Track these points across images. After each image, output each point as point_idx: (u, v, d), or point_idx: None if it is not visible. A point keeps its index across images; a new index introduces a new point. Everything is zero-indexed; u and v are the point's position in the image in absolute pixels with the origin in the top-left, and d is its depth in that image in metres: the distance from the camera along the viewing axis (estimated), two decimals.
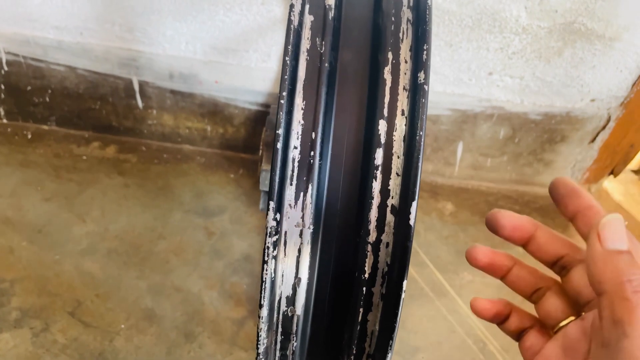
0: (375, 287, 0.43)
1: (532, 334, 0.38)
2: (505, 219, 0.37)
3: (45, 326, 0.85)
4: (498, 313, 0.40)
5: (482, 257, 0.39)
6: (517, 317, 0.39)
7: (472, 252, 0.39)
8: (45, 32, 1.05)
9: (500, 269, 0.39)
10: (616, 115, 1.14)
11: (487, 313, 0.40)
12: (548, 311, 0.37)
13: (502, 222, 0.37)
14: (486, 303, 0.40)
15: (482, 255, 0.39)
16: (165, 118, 1.17)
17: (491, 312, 0.40)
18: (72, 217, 1.02)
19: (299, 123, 0.42)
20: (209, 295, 0.93)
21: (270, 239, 0.41)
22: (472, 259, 0.39)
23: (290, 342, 0.46)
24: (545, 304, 0.37)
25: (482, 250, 0.39)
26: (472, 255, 0.39)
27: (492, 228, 0.38)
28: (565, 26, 0.97)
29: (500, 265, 0.39)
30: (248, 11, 0.98)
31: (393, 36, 0.44)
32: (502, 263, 0.39)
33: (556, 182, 0.36)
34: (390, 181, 0.42)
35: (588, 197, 0.35)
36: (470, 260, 0.39)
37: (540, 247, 0.37)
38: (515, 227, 0.37)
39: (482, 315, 0.40)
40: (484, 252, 0.39)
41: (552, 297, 0.37)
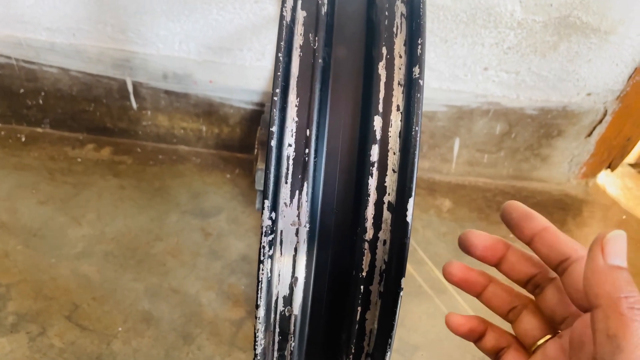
0: (373, 286, 0.43)
1: (510, 354, 0.37)
2: (476, 238, 0.37)
3: (42, 330, 0.84)
4: (472, 329, 0.39)
5: (457, 272, 0.38)
6: (493, 335, 0.39)
7: (447, 267, 0.39)
8: (38, 34, 1.05)
9: (475, 286, 0.39)
10: (612, 109, 1.13)
11: (461, 329, 0.39)
12: (525, 330, 0.37)
13: (474, 242, 0.37)
14: (460, 318, 0.39)
15: (457, 270, 0.39)
16: (160, 119, 1.17)
17: (465, 327, 0.39)
18: (68, 220, 1.01)
19: (293, 120, 0.41)
20: (206, 296, 0.92)
21: (265, 238, 0.41)
22: (446, 274, 0.39)
23: (288, 342, 0.46)
24: (521, 323, 0.37)
25: (456, 266, 0.39)
26: (447, 270, 0.39)
27: (465, 248, 0.38)
28: (560, 20, 0.97)
29: (475, 282, 0.39)
30: (241, 9, 0.97)
31: (387, 31, 0.44)
32: (476, 280, 0.39)
33: (507, 207, 0.36)
34: (387, 178, 0.41)
35: (542, 219, 0.35)
36: (445, 275, 0.39)
37: (512, 267, 0.37)
38: (487, 247, 0.37)
39: (455, 331, 0.40)
40: (458, 268, 0.39)
41: (528, 315, 0.37)
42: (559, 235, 0.34)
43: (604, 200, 1.26)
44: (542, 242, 0.35)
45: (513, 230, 0.36)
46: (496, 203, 1.20)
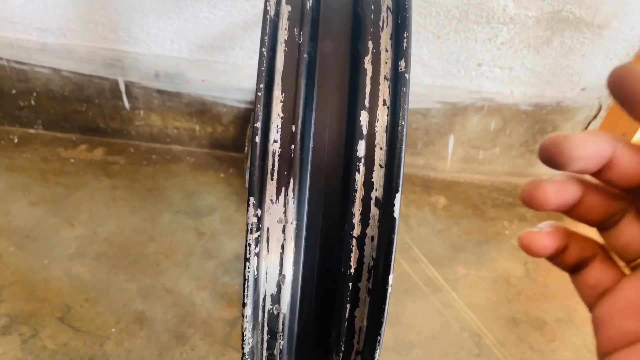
0: (362, 282, 0.42)
1: (597, 268, 0.29)
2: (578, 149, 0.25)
3: (35, 332, 0.83)
4: (558, 248, 0.29)
5: (554, 197, 0.27)
6: (577, 246, 0.29)
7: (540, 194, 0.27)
8: (28, 34, 1.04)
9: (571, 204, 0.28)
10: (607, 104, 1.13)
11: (547, 252, 0.29)
12: (626, 241, 0.27)
13: (576, 154, 0.25)
14: (545, 239, 0.29)
15: (554, 194, 0.27)
16: (152, 118, 1.16)
17: (552, 249, 0.29)
18: (60, 221, 1.01)
19: (278, 116, 0.41)
20: (200, 296, 0.91)
21: (251, 235, 0.40)
22: (537, 203, 0.27)
23: (277, 341, 0.45)
24: (621, 232, 0.28)
25: (552, 189, 0.27)
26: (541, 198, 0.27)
27: (556, 163, 0.25)
28: (553, 15, 0.96)
29: (573, 200, 0.28)
30: (232, 7, 0.97)
31: (373, 25, 0.43)
32: (574, 197, 0.28)
33: (619, 73, 0.23)
34: (374, 173, 0.41)
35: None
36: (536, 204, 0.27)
37: (622, 173, 0.26)
38: (591, 155, 0.25)
39: (540, 255, 0.29)
40: (554, 190, 0.27)
41: (631, 224, 0.27)
42: None
43: None
44: None
45: (632, 109, 0.24)
46: (491, 199, 1.19)
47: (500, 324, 0.93)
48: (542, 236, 0.29)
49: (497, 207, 1.18)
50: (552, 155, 0.25)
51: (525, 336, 0.91)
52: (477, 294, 0.97)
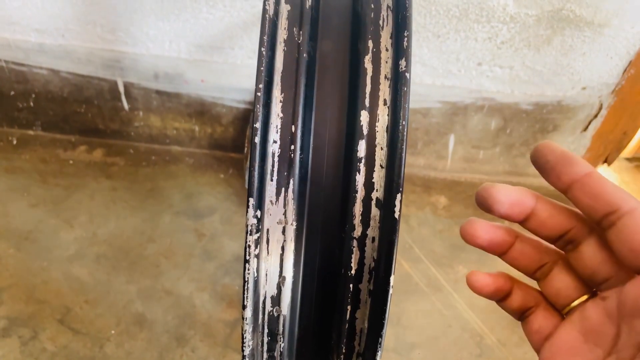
0: (363, 284, 0.42)
1: (540, 315, 0.33)
2: (500, 193, 0.31)
3: (34, 334, 0.83)
4: (499, 289, 0.35)
5: (482, 233, 0.33)
6: (520, 293, 0.35)
7: (469, 229, 0.33)
8: (26, 35, 1.03)
9: (501, 246, 0.34)
10: (608, 102, 1.13)
11: (486, 289, 0.34)
12: (557, 289, 0.32)
13: (499, 198, 0.31)
14: (486, 278, 0.34)
15: (483, 231, 0.33)
16: (152, 119, 1.16)
17: (491, 287, 0.34)
18: (60, 222, 1.01)
19: (278, 116, 0.41)
20: (200, 297, 0.91)
21: (251, 237, 0.40)
22: (468, 236, 0.33)
23: (277, 343, 0.45)
24: (553, 282, 0.33)
25: (481, 227, 0.33)
26: (470, 232, 0.33)
27: (485, 205, 0.32)
28: (553, 13, 0.96)
29: (501, 242, 0.33)
30: (232, 7, 0.96)
31: (373, 24, 0.43)
32: (502, 239, 0.33)
33: (541, 149, 0.31)
34: (374, 173, 0.41)
35: (584, 163, 0.29)
36: (467, 237, 0.33)
37: (543, 223, 0.32)
38: (514, 202, 0.31)
39: (480, 291, 0.35)
40: (483, 228, 0.33)
41: (560, 273, 0.32)
42: (604, 182, 0.28)
43: None
44: (584, 190, 0.29)
45: (547, 176, 0.31)
46: None
47: (502, 324, 0.92)
48: (485, 276, 0.34)
49: None
50: (482, 198, 0.32)
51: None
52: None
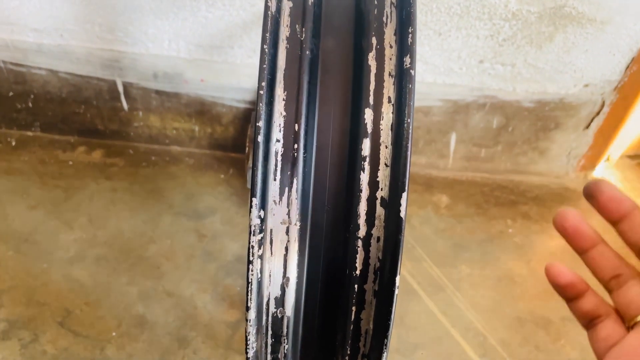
0: (368, 284, 0.41)
1: (608, 325, 0.35)
2: (605, 185, 0.34)
3: (34, 337, 0.82)
4: (573, 284, 0.36)
5: (571, 219, 0.36)
6: (593, 300, 0.36)
7: (562, 212, 0.36)
8: (24, 36, 1.03)
9: (585, 240, 0.36)
10: (610, 100, 1.12)
11: (562, 278, 0.37)
12: (629, 300, 0.34)
13: (602, 188, 0.34)
14: (563, 268, 0.37)
15: (572, 218, 0.36)
16: (151, 119, 1.15)
17: (566, 278, 0.37)
18: (59, 224, 1.00)
19: (281, 115, 0.40)
20: (201, 298, 0.90)
21: (254, 237, 0.39)
22: (559, 217, 0.36)
23: (281, 344, 0.44)
24: (626, 293, 0.34)
25: (571, 213, 0.36)
26: (561, 215, 0.36)
27: (590, 191, 0.35)
28: (555, 10, 0.95)
29: (586, 236, 0.36)
30: (231, 6, 0.96)
31: (377, 20, 0.42)
32: (588, 234, 0.36)
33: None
34: (379, 172, 0.40)
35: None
36: (557, 221, 0.36)
37: (634, 228, 0.34)
38: (613, 198, 0.34)
39: (554, 279, 0.37)
40: (573, 215, 0.36)
41: (635, 286, 0.34)
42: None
43: None
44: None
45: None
46: (494, 198, 1.19)
47: (505, 324, 0.92)
48: (564, 267, 0.37)
49: (500, 205, 1.17)
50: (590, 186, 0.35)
51: (531, 335, 0.90)
52: (481, 293, 0.96)
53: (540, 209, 1.17)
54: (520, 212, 1.15)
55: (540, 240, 1.10)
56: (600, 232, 0.37)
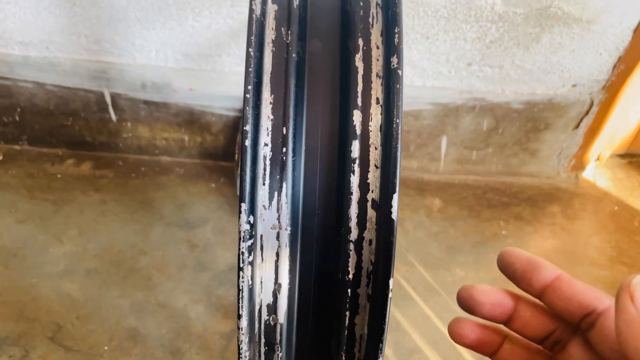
0: (361, 288, 0.41)
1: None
2: (481, 295, 0.31)
3: (25, 353, 0.81)
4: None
5: (469, 333, 0.32)
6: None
7: (456, 328, 0.32)
8: (10, 49, 1.02)
9: (490, 345, 0.33)
10: (599, 99, 1.13)
11: (467, 339, 0.33)
12: None
13: (479, 299, 0.31)
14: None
15: (469, 331, 0.32)
16: (140, 130, 1.14)
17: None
18: (49, 238, 0.99)
19: (268, 118, 0.39)
20: (195, 309, 0.89)
21: (244, 243, 0.38)
22: (456, 335, 0.32)
23: (275, 353, 0.44)
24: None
25: (467, 327, 0.32)
26: (456, 331, 0.32)
27: (467, 307, 0.32)
28: (541, 11, 0.96)
29: (489, 342, 0.33)
30: (218, 14, 0.95)
31: (362, 21, 0.42)
32: (491, 339, 0.32)
33: (505, 256, 0.31)
34: (369, 174, 0.39)
35: (551, 267, 0.30)
36: (454, 337, 0.33)
37: (526, 324, 0.31)
38: (495, 304, 0.31)
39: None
40: (470, 328, 0.32)
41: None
42: (575, 284, 0.28)
43: (594, 192, 1.25)
44: (557, 294, 0.29)
45: (518, 284, 0.31)
46: (486, 200, 1.18)
47: None
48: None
49: (493, 207, 1.16)
50: (463, 299, 0.32)
51: None
52: None
53: (533, 210, 1.17)
54: (513, 214, 1.15)
55: (533, 241, 1.10)
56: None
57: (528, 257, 0.30)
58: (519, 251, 0.31)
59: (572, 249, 1.09)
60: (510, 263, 0.31)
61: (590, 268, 1.05)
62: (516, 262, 0.31)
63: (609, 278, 1.03)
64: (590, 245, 1.10)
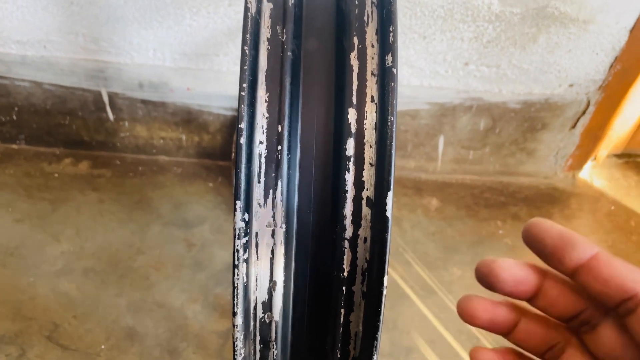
0: (356, 286, 0.41)
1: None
2: (504, 270, 0.28)
3: (22, 352, 0.81)
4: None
5: (482, 313, 0.29)
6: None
7: (468, 308, 0.29)
8: (7, 48, 1.02)
9: (504, 326, 0.30)
10: (595, 99, 1.13)
11: (478, 320, 0.30)
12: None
13: (502, 276, 0.28)
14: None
15: (482, 311, 0.29)
16: (138, 129, 1.14)
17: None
18: (46, 237, 0.98)
19: (264, 116, 0.39)
20: (192, 308, 0.89)
21: (239, 241, 0.39)
22: (467, 316, 0.29)
23: (270, 350, 0.44)
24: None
25: (481, 305, 0.29)
26: (468, 311, 0.29)
27: (487, 282, 0.28)
28: (538, 11, 0.96)
29: (504, 321, 0.30)
30: (215, 14, 0.95)
31: (357, 20, 0.42)
32: (505, 318, 0.29)
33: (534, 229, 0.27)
34: (364, 172, 0.40)
35: (586, 244, 0.26)
36: (466, 317, 0.30)
37: (553, 302, 0.28)
38: (519, 280, 0.28)
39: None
40: (483, 307, 0.29)
41: (575, 356, 0.28)
42: (614, 265, 0.25)
43: (591, 192, 1.26)
44: (593, 275, 0.25)
45: (548, 261, 0.27)
46: (484, 200, 1.19)
47: None
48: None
49: (490, 207, 1.17)
50: (484, 275, 0.28)
51: None
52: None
53: (530, 209, 1.17)
54: (510, 213, 1.16)
55: None
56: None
57: (560, 231, 0.27)
58: (550, 223, 0.27)
59: None
60: (539, 237, 0.27)
61: None
62: (546, 237, 0.27)
63: None
64: None
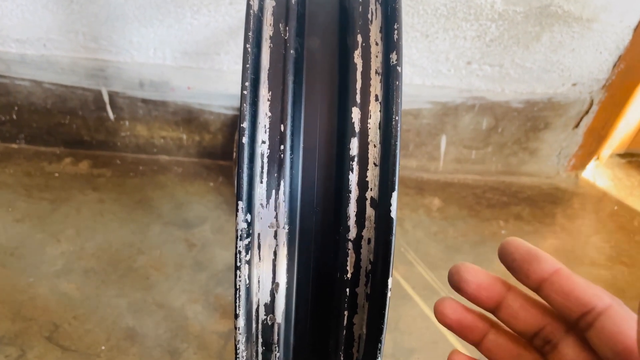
0: (360, 288, 0.40)
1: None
2: (469, 273, 0.30)
3: (22, 353, 0.80)
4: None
5: (450, 313, 0.31)
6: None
7: (439, 306, 0.31)
8: (7, 47, 1.01)
9: (473, 332, 0.31)
10: (599, 98, 1.12)
11: (447, 318, 0.32)
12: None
13: (466, 277, 0.30)
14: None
15: (450, 311, 0.31)
16: (138, 129, 1.13)
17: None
18: (46, 237, 0.98)
19: (266, 115, 0.39)
20: (192, 309, 0.89)
21: (241, 242, 0.38)
22: (438, 313, 0.31)
23: (273, 352, 0.43)
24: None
25: (450, 306, 0.31)
26: (439, 309, 0.31)
27: (454, 283, 0.31)
28: (541, 10, 0.95)
29: (472, 327, 0.31)
30: (216, 12, 0.95)
31: (361, 18, 0.41)
32: (474, 324, 0.31)
33: (506, 246, 0.30)
34: (368, 172, 0.39)
35: (551, 260, 0.28)
36: (437, 315, 0.32)
37: (514, 315, 0.30)
38: (481, 285, 0.30)
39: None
40: (452, 307, 0.31)
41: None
42: (574, 280, 0.27)
43: (594, 191, 1.25)
44: (555, 289, 0.28)
45: (516, 275, 0.30)
46: (486, 199, 1.18)
47: None
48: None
49: (492, 207, 1.16)
50: (451, 275, 0.31)
51: None
52: None
53: (532, 209, 1.17)
54: (512, 213, 1.15)
55: (533, 241, 1.09)
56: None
57: (528, 248, 0.29)
58: (520, 241, 0.29)
59: (571, 249, 1.09)
60: (510, 252, 0.30)
61: (590, 268, 1.05)
62: (515, 252, 0.29)
63: (608, 278, 1.03)
64: (590, 245, 1.10)
